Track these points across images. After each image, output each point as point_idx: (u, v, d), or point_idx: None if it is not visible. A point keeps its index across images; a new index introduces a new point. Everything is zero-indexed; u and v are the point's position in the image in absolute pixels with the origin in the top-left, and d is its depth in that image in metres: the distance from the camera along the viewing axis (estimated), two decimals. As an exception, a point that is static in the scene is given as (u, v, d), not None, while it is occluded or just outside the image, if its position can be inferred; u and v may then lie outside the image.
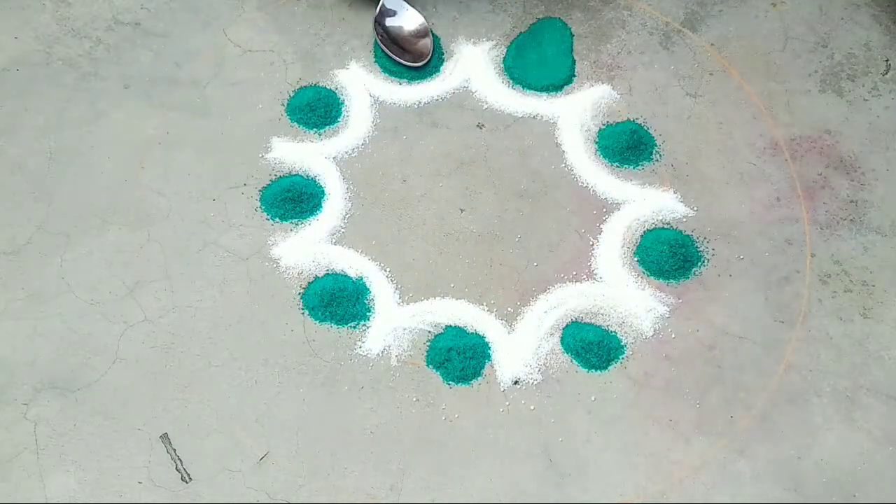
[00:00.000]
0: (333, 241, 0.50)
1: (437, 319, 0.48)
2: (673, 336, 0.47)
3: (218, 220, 0.51)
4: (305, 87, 0.55)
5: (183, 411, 0.45)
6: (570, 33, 0.57)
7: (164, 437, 0.44)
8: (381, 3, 0.56)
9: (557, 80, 0.56)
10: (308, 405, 0.45)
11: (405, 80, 0.56)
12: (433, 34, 0.57)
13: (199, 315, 0.48)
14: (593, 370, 0.47)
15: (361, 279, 0.49)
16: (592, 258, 0.50)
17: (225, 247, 0.50)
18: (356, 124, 0.54)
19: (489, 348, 0.47)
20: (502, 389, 0.46)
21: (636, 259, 0.50)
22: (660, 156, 0.53)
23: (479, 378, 0.46)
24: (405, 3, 0.57)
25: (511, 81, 0.56)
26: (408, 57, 0.55)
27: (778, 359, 0.47)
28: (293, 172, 0.52)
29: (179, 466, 0.44)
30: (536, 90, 0.55)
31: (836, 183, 0.52)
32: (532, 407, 0.46)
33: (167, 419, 0.45)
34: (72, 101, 0.54)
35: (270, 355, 0.47)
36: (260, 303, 0.48)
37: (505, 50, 0.57)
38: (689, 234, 0.51)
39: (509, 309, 0.48)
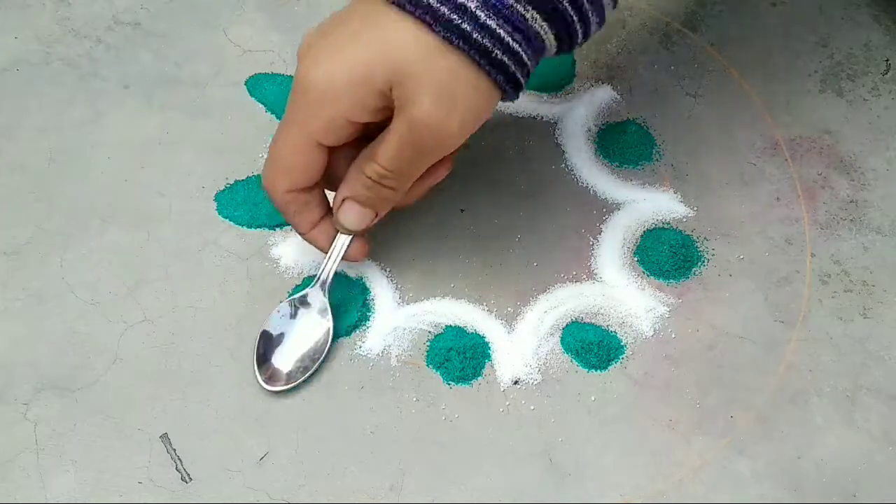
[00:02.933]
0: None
1: (437, 319, 0.48)
2: (673, 336, 0.47)
3: (217, 220, 0.51)
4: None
5: (183, 411, 0.45)
6: (570, 33, 0.57)
7: (164, 437, 0.44)
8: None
9: (557, 80, 0.56)
10: (308, 405, 0.45)
11: (405, 80, 0.56)
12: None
13: (199, 315, 0.48)
14: (593, 370, 0.47)
15: (361, 279, 0.49)
16: (592, 258, 0.50)
17: (225, 247, 0.50)
18: (356, 124, 0.54)
19: (489, 348, 0.47)
20: (502, 389, 0.46)
21: (636, 259, 0.50)
22: (660, 156, 0.53)
23: (479, 378, 0.46)
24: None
25: (511, 81, 0.56)
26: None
27: (778, 359, 0.47)
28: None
29: (179, 466, 0.44)
30: (536, 90, 0.55)
31: (836, 183, 0.52)
32: (532, 407, 0.46)
33: (167, 419, 0.45)
34: (72, 101, 0.54)
35: (270, 355, 0.47)
36: (260, 303, 0.48)
37: (505, 50, 0.57)
38: (689, 234, 0.51)
39: (509, 309, 0.48)
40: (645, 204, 0.51)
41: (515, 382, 0.46)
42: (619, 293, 0.49)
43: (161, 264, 0.49)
